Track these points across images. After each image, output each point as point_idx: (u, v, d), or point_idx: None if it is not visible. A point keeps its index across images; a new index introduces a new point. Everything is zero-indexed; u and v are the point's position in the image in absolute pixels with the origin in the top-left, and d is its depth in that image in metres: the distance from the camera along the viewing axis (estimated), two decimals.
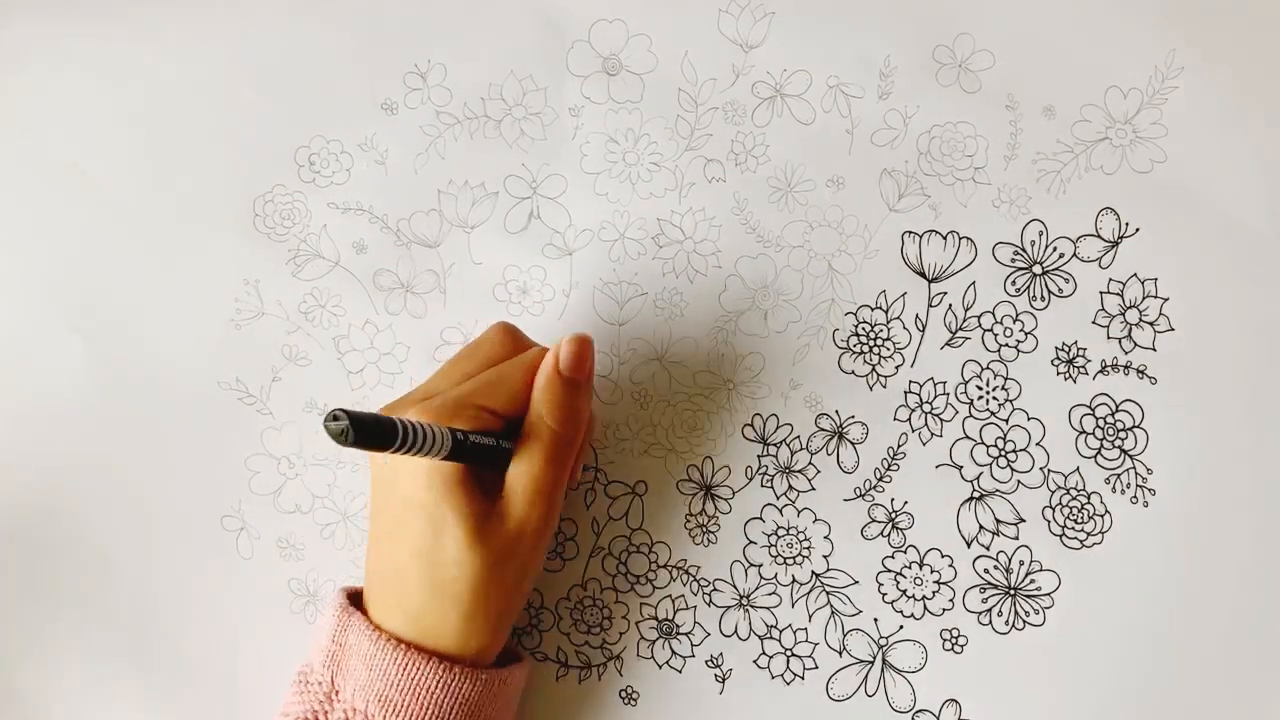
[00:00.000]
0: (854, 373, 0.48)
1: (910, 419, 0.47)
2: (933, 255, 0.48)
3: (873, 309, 0.48)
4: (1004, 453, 0.47)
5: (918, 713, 0.47)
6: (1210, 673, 0.46)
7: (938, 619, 0.47)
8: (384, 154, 0.49)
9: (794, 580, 0.47)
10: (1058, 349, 0.47)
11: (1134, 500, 0.47)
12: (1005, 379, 0.47)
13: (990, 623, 0.47)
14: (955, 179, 0.48)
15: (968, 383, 0.47)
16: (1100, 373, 0.47)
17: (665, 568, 0.48)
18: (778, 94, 0.48)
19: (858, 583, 0.47)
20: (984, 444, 0.47)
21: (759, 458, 0.48)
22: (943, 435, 0.47)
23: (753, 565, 0.47)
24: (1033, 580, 0.47)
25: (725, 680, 0.47)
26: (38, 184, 0.49)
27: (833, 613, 0.47)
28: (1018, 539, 0.47)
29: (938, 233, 0.48)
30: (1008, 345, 0.47)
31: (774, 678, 0.47)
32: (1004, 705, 0.47)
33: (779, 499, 0.47)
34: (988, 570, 0.47)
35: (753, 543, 0.47)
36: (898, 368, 0.48)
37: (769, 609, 0.47)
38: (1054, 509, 0.47)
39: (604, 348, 0.48)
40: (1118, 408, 0.47)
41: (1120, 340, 0.47)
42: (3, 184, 0.49)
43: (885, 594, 0.47)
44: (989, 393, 0.47)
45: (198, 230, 0.49)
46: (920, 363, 0.48)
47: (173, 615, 0.48)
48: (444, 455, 0.38)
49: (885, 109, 0.48)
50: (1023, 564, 0.47)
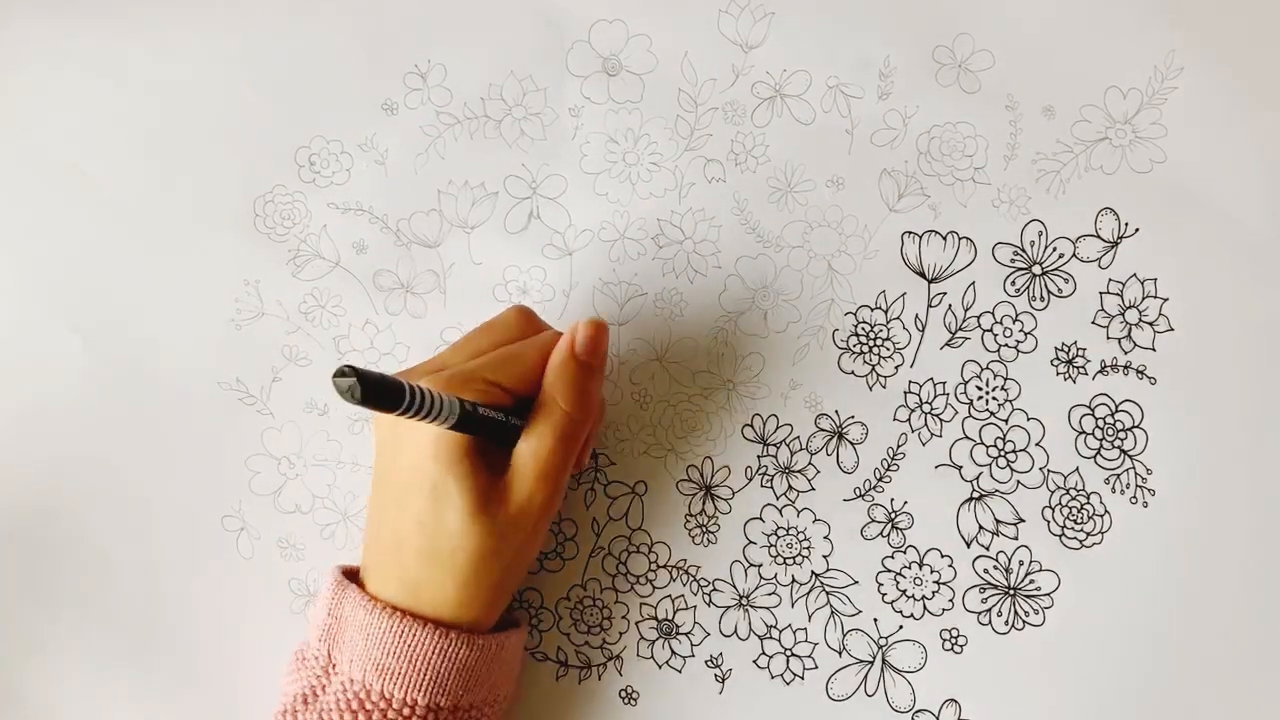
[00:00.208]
0: (854, 373, 0.48)
1: (910, 419, 0.47)
2: (932, 255, 0.48)
3: (872, 309, 0.48)
4: (1004, 453, 0.47)
5: (918, 713, 0.47)
6: (1210, 673, 0.46)
7: (937, 619, 0.47)
8: (384, 154, 0.49)
9: (794, 580, 0.47)
10: (1057, 349, 0.47)
11: (1134, 500, 0.47)
12: (1005, 379, 0.47)
13: (990, 623, 0.47)
14: (955, 179, 0.48)
15: (967, 383, 0.47)
16: (1100, 373, 0.47)
17: (665, 568, 0.48)
18: (778, 94, 0.48)
19: (857, 583, 0.47)
20: (984, 444, 0.47)
21: (759, 458, 0.48)
22: (942, 435, 0.47)
23: (753, 565, 0.47)
24: (1032, 580, 0.47)
25: (725, 680, 0.47)
26: (38, 184, 0.49)
27: (832, 613, 0.47)
28: (1017, 539, 0.47)
29: (937, 233, 0.48)
30: (1007, 345, 0.47)
31: (774, 678, 0.47)
32: (1004, 705, 0.47)
33: (779, 499, 0.47)
34: (987, 570, 0.47)
35: (752, 543, 0.47)
36: (897, 368, 0.48)
37: (769, 609, 0.47)
38: (1054, 509, 0.47)
39: None
40: (1117, 408, 0.47)
41: (1120, 340, 0.47)
42: (3, 184, 0.49)
43: (885, 594, 0.47)
44: (989, 393, 0.47)
45: (198, 230, 0.49)
46: (920, 363, 0.48)
47: (173, 615, 0.48)
48: (451, 424, 0.38)
49: (885, 109, 0.48)
50: (1022, 564, 0.47)
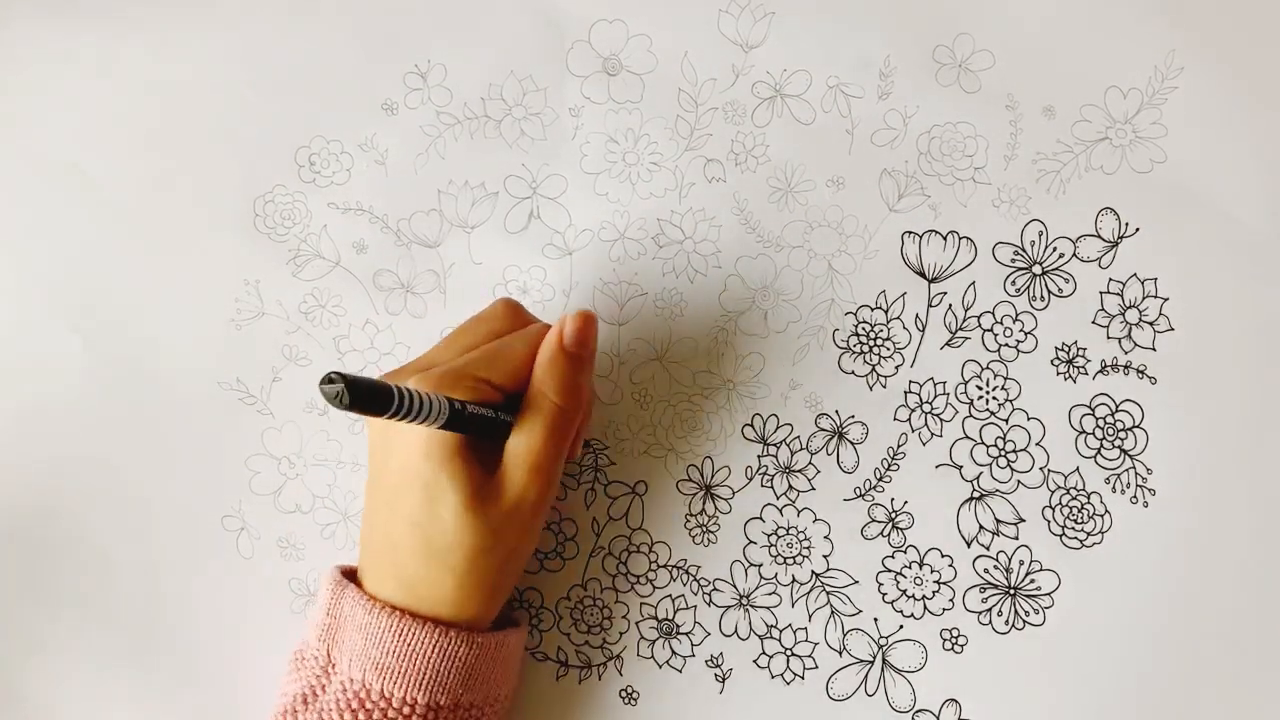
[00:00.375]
0: (854, 373, 0.48)
1: (910, 419, 0.47)
2: (933, 255, 0.48)
3: (873, 309, 0.48)
4: (1004, 453, 0.47)
5: (918, 713, 0.47)
6: (1210, 673, 0.46)
7: (938, 619, 0.47)
8: (384, 154, 0.49)
9: (794, 580, 0.47)
10: (1058, 349, 0.47)
11: (1134, 500, 0.47)
12: (1005, 379, 0.47)
13: (990, 622, 0.47)
14: (955, 179, 0.48)
15: (968, 383, 0.47)
16: (1100, 373, 0.47)
17: (665, 568, 0.48)
18: (778, 94, 0.48)
19: (858, 583, 0.47)
20: (984, 444, 0.47)
21: (759, 458, 0.48)
22: (942, 435, 0.47)
23: (753, 565, 0.47)
24: (1033, 580, 0.47)
25: (725, 680, 0.47)
26: (38, 184, 0.49)
27: (833, 613, 0.47)
28: (1018, 539, 0.47)
29: (938, 233, 0.48)
30: (1008, 345, 0.47)
31: (774, 678, 0.47)
32: (1004, 705, 0.47)
33: (779, 499, 0.47)
34: (988, 570, 0.47)
35: (753, 543, 0.47)
36: (898, 368, 0.48)
37: (769, 609, 0.47)
38: (1054, 509, 0.47)
39: (604, 348, 0.48)
40: (1118, 408, 0.47)
41: (1120, 340, 0.47)
42: (3, 184, 0.49)
43: (885, 594, 0.47)
44: (989, 393, 0.47)
45: (198, 230, 0.49)
46: (920, 363, 0.48)
47: (173, 615, 0.48)
48: (441, 424, 0.38)
49: (885, 109, 0.48)
50: (1023, 564, 0.47)
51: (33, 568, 0.48)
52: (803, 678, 0.47)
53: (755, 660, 0.47)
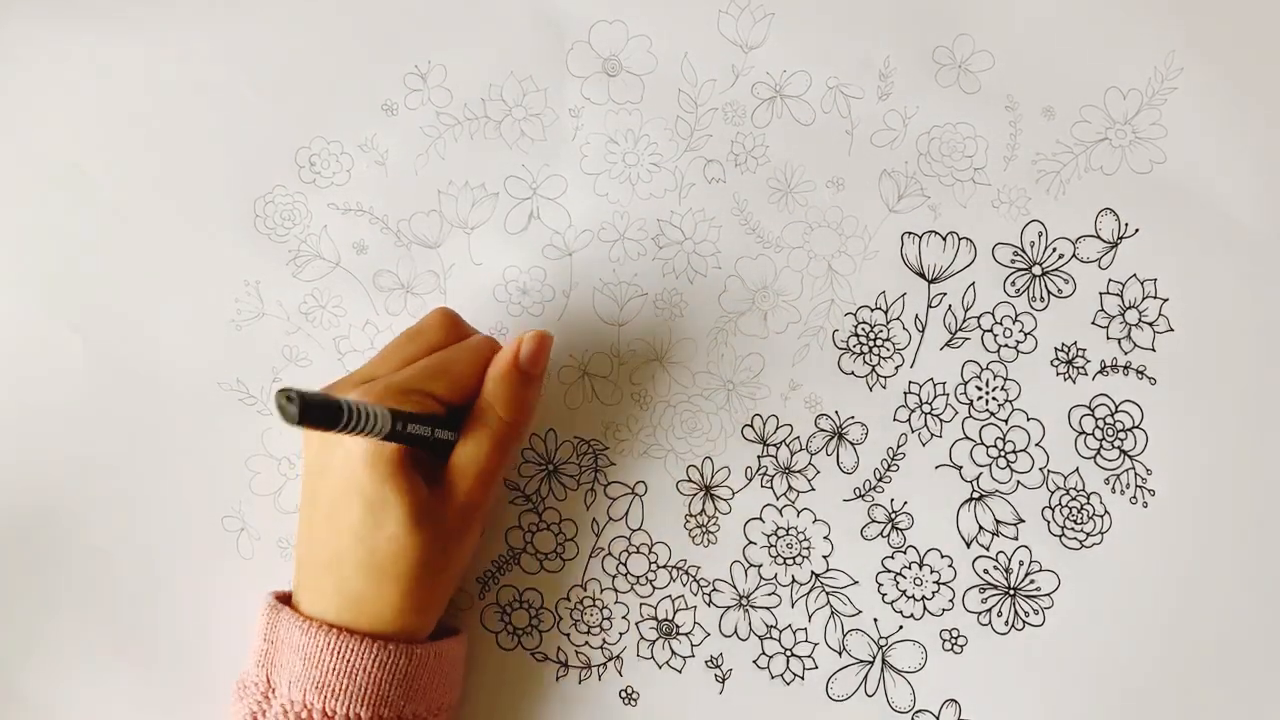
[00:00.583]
0: (854, 373, 0.48)
1: (910, 419, 0.47)
2: (932, 256, 0.48)
3: (872, 310, 0.48)
4: (1004, 453, 0.47)
5: (917, 713, 0.47)
6: (1210, 673, 0.46)
7: (937, 619, 0.47)
8: (384, 155, 0.49)
9: (794, 580, 0.47)
10: (1057, 349, 0.47)
11: (1134, 500, 0.47)
12: (1005, 379, 0.47)
13: (990, 623, 0.47)
14: (955, 180, 0.48)
15: (967, 383, 0.47)
16: (1100, 373, 0.47)
17: (665, 568, 0.48)
18: (777, 95, 0.48)
19: (857, 583, 0.47)
20: (984, 444, 0.47)
21: (759, 458, 0.48)
22: (942, 436, 0.47)
23: (752, 565, 0.47)
24: (1032, 580, 0.47)
25: (725, 680, 0.47)
26: (38, 184, 0.49)
27: (832, 613, 0.47)
28: (1017, 539, 0.47)
29: (937, 233, 0.48)
30: (1007, 346, 0.47)
31: (774, 678, 0.47)
32: (1004, 705, 0.47)
33: (779, 499, 0.47)
34: (987, 570, 0.47)
35: (752, 543, 0.47)
36: (897, 368, 0.48)
37: (769, 609, 0.47)
38: (1054, 509, 0.47)
39: (604, 348, 0.48)
40: (1117, 408, 0.47)
41: (1120, 341, 0.47)
42: (3, 184, 0.49)
43: (885, 594, 0.47)
44: (989, 393, 0.47)
45: (198, 230, 0.49)
46: (920, 363, 0.48)
47: (173, 616, 0.48)
48: (383, 435, 0.38)
49: (885, 109, 0.48)
50: (1022, 564, 0.47)
51: (33, 568, 0.48)
52: (802, 678, 0.47)
53: (755, 661, 0.47)
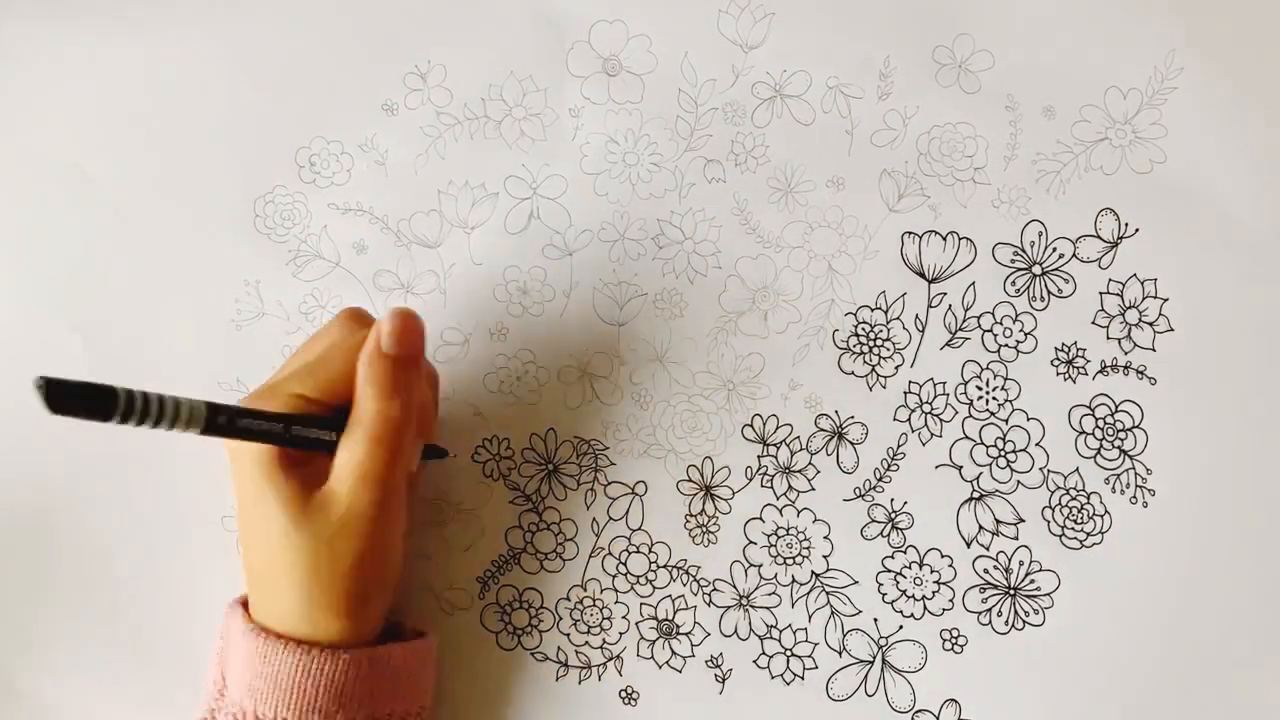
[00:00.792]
0: (854, 373, 0.48)
1: (910, 419, 0.47)
2: (932, 256, 0.48)
3: (872, 309, 0.48)
4: (1004, 453, 0.47)
5: (918, 713, 0.47)
6: (1210, 672, 0.46)
7: (938, 619, 0.47)
8: (384, 154, 0.49)
9: (794, 580, 0.47)
10: (1057, 349, 0.47)
11: (1134, 500, 0.47)
12: (1005, 379, 0.47)
13: (990, 623, 0.47)
14: (955, 179, 0.48)
15: (967, 383, 0.47)
16: (1100, 373, 0.47)
17: (665, 568, 0.48)
18: (777, 94, 0.48)
19: (858, 583, 0.47)
20: (984, 444, 0.47)
21: (759, 458, 0.48)
22: (942, 435, 0.47)
23: (753, 565, 0.47)
24: (1032, 580, 0.47)
25: (725, 680, 0.47)
26: (38, 184, 0.49)
27: (833, 613, 0.47)
28: (1017, 539, 0.47)
29: (937, 233, 0.48)
30: (1007, 345, 0.47)
31: (774, 678, 0.47)
32: (1004, 705, 0.47)
33: (779, 499, 0.47)
34: (987, 570, 0.47)
35: (753, 543, 0.47)
36: (897, 368, 0.48)
37: (769, 609, 0.47)
38: (1054, 509, 0.47)
39: (604, 348, 0.48)
40: (1117, 408, 0.47)
41: (1120, 340, 0.47)
42: (3, 184, 0.49)
43: (885, 594, 0.47)
44: (989, 393, 0.47)
45: (198, 230, 0.49)
46: (920, 363, 0.48)
47: (173, 616, 0.48)
48: (200, 429, 0.37)
49: (885, 109, 0.48)
50: (1022, 564, 0.47)
51: (33, 568, 0.48)
52: (803, 678, 0.47)
53: (755, 660, 0.47)
